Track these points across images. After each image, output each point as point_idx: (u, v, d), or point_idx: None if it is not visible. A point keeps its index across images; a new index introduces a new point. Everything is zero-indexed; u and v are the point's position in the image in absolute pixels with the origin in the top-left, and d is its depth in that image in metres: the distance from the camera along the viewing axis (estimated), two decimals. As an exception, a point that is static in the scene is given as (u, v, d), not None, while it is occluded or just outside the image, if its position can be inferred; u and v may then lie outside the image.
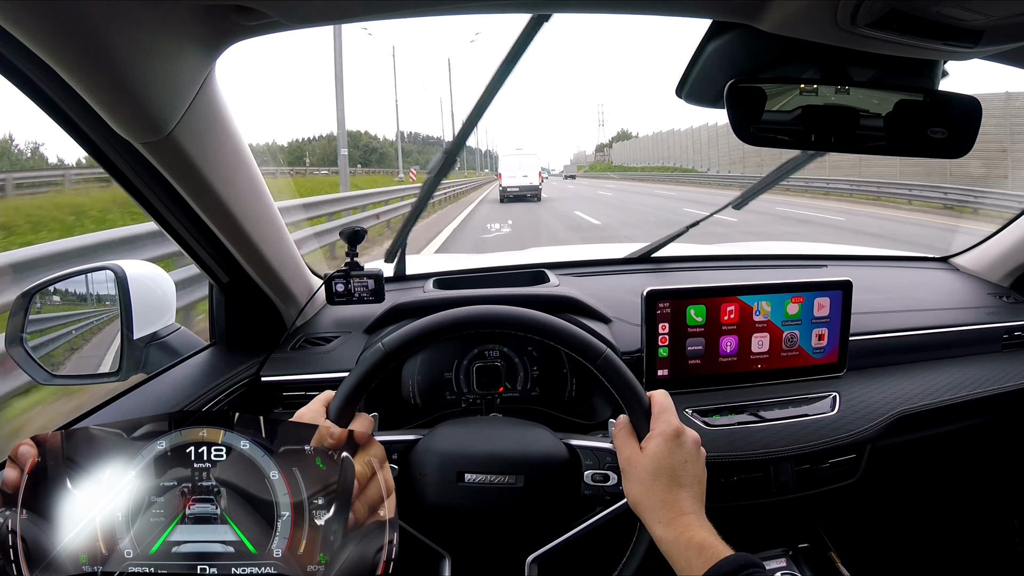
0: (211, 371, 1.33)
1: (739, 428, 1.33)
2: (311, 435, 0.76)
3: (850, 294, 1.41)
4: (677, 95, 1.12)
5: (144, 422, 0.73)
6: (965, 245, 2.05)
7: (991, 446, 1.71)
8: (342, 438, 0.77)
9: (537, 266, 1.85)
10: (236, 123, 1.08)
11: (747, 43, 0.98)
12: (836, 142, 1.04)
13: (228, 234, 1.19)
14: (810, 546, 1.50)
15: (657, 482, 0.90)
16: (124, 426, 0.73)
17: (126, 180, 1.04)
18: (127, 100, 0.82)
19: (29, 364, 1.25)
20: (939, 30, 0.82)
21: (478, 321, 1.01)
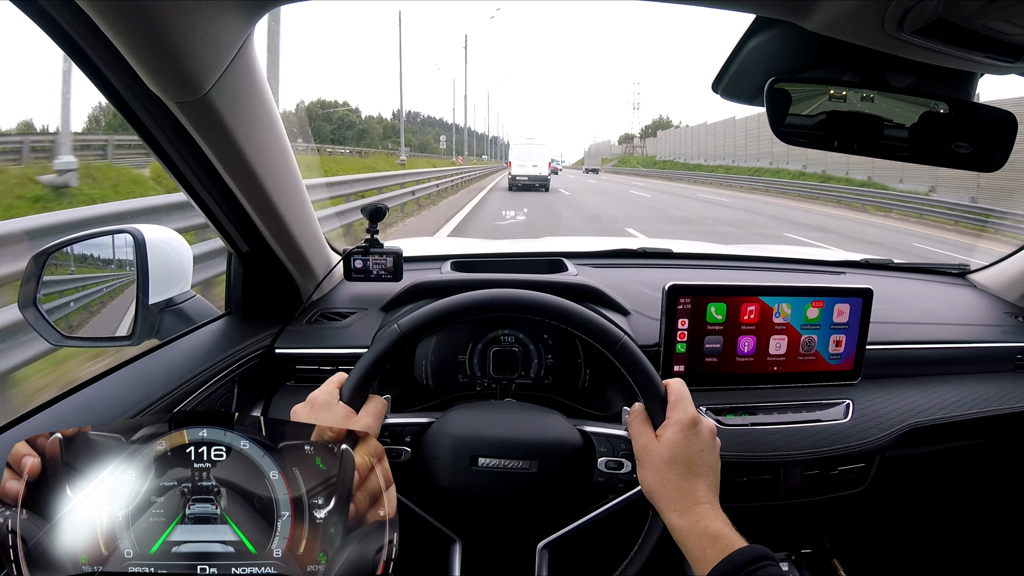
0: (225, 340, 1.32)
1: (752, 429, 1.33)
2: (310, 432, 0.76)
3: (870, 302, 1.40)
4: (713, 90, 1.12)
5: (143, 423, 0.73)
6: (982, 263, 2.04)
7: (999, 465, 1.71)
8: (341, 432, 0.76)
9: (554, 254, 1.84)
10: (269, 90, 1.07)
11: (789, 41, 0.98)
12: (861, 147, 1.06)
13: (253, 202, 1.18)
14: (813, 552, 1.50)
15: (673, 470, 0.90)
16: (123, 428, 0.73)
17: (154, 141, 1.03)
18: (166, 58, 0.81)
19: (42, 325, 1.24)
20: (982, 42, 0.82)
21: (495, 304, 1.00)
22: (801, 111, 1.02)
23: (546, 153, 30.24)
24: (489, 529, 1.12)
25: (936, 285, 2.01)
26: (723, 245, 2.24)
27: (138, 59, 0.81)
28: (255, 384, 1.33)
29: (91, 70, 0.89)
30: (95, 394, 1.02)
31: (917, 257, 9.03)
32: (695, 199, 27.09)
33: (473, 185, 29.79)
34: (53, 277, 1.30)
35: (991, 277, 1.98)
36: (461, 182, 27.83)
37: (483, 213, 15.95)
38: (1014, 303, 1.87)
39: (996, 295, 1.92)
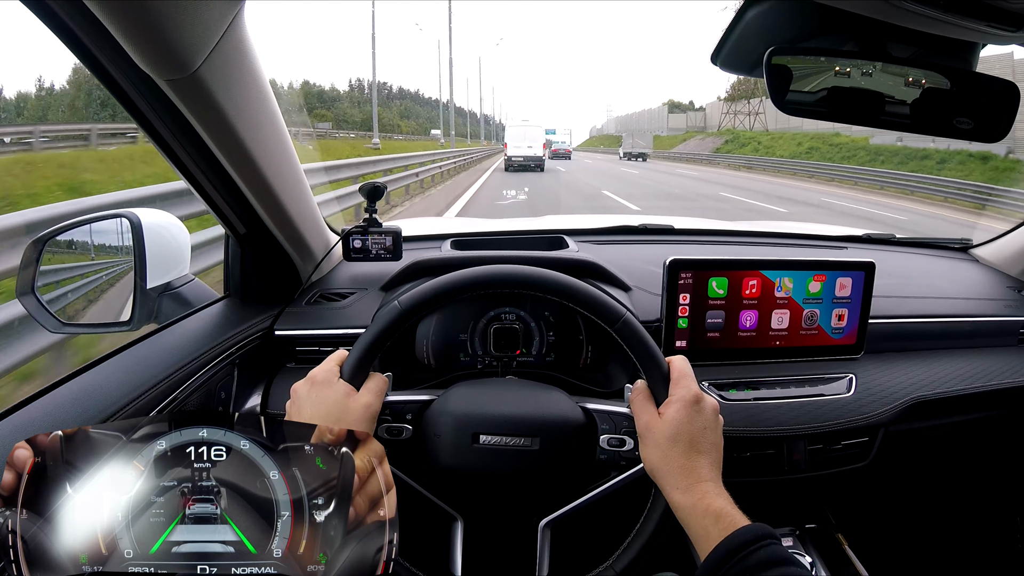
0: (224, 323, 1.32)
1: (755, 404, 1.33)
2: (310, 433, 0.75)
3: (872, 276, 1.40)
4: (712, 62, 1.10)
5: (143, 423, 0.73)
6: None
7: (1002, 439, 1.71)
8: (341, 434, 0.76)
9: (555, 232, 1.83)
10: (262, 67, 1.06)
11: (789, 11, 0.97)
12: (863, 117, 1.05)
13: (248, 181, 1.17)
14: (817, 527, 1.50)
15: (675, 448, 0.89)
16: (123, 428, 0.73)
17: (146, 121, 1.01)
18: (153, 34, 0.80)
19: (40, 312, 1.24)
20: (983, 10, 0.81)
21: (496, 280, 0.99)
22: (803, 87, 1.01)
23: (541, 135, 31.55)
24: (491, 507, 1.12)
25: (938, 259, 2.01)
26: (725, 221, 2.24)
27: (125, 36, 0.80)
28: (255, 366, 1.32)
29: (80, 49, 0.87)
30: (94, 379, 1.02)
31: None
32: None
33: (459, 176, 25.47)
34: (50, 265, 1.29)
35: (994, 252, 1.97)
36: (454, 167, 25.47)
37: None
38: (1017, 277, 1.87)
39: (999, 269, 1.92)
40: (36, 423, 0.88)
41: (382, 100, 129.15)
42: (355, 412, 0.90)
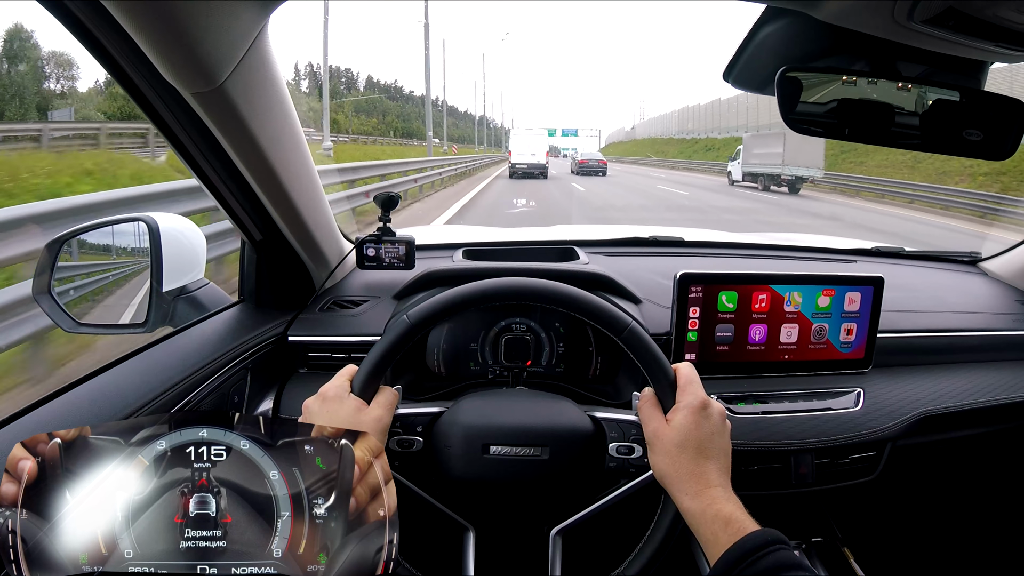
0: (239, 328, 1.33)
1: (763, 417, 1.33)
2: (310, 431, 0.76)
3: (881, 291, 1.40)
4: (724, 79, 1.12)
5: (143, 424, 0.73)
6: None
7: (1011, 454, 1.71)
8: (340, 428, 0.76)
9: (566, 243, 1.84)
10: (283, 81, 1.08)
11: (800, 31, 0.98)
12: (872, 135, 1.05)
13: (267, 191, 1.19)
14: (823, 540, 1.51)
15: (684, 454, 0.90)
16: (122, 430, 0.73)
17: (170, 131, 1.03)
18: (181, 48, 0.82)
19: (56, 312, 1.26)
20: (992, 31, 0.82)
21: (503, 293, 1.01)
22: (811, 98, 1.02)
23: (544, 142, 31.89)
24: (502, 517, 1.13)
25: (947, 273, 2.00)
26: (734, 233, 2.24)
27: (154, 50, 0.82)
28: (268, 372, 1.34)
29: (108, 61, 0.89)
30: (110, 381, 1.03)
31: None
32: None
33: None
34: (67, 264, 1.31)
35: (1003, 265, 1.96)
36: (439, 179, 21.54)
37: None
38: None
39: (1008, 283, 1.91)
40: (52, 423, 0.89)
41: (337, 92, 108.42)
42: (367, 426, 0.91)
